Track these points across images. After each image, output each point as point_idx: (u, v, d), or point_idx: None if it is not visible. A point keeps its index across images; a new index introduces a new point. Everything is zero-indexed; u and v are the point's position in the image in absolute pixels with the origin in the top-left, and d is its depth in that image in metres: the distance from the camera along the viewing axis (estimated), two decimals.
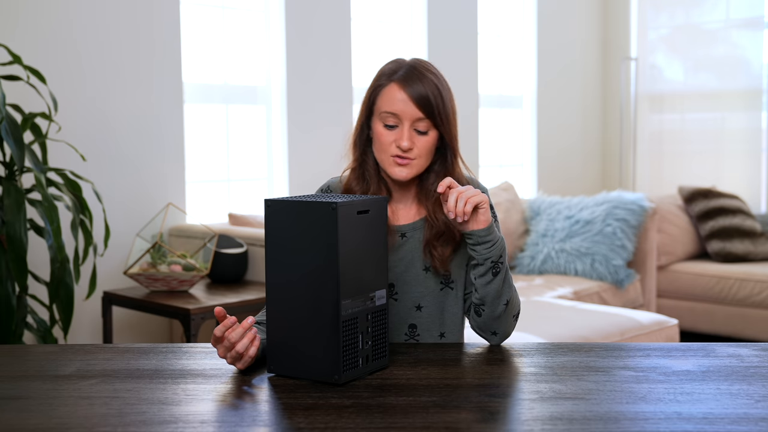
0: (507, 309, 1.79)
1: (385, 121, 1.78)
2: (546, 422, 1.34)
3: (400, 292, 1.84)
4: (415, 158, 1.78)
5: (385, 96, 1.78)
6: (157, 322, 3.91)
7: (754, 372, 1.59)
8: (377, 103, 1.80)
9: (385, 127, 1.78)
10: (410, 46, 5.12)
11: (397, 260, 1.83)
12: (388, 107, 1.77)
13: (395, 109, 1.76)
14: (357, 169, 1.88)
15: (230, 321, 1.58)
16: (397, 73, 1.79)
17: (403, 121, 1.77)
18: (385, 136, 1.78)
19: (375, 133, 1.81)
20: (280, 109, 4.44)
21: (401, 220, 1.87)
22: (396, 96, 1.76)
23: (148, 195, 3.89)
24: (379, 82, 1.81)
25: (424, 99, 1.76)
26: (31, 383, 1.56)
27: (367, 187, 1.86)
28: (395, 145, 1.77)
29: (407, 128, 1.76)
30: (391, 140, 1.78)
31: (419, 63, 1.80)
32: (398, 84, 1.77)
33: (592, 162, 6.45)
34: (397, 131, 1.77)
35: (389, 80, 1.79)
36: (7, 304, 2.89)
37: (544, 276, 4.84)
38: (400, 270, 1.83)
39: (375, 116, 1.81)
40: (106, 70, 3.75)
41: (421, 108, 1.76)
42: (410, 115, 1.76)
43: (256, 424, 1.37)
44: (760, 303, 4.86)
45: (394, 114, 1.77)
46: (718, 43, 6.07)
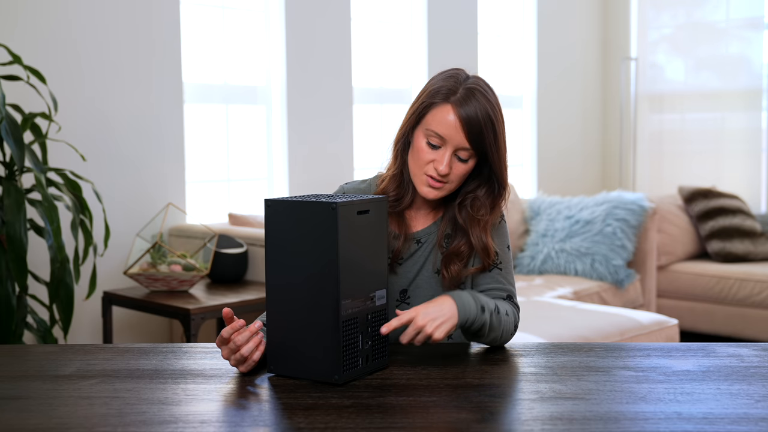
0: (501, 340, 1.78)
1: (430, 139, 1.74)
2: (546, 422, 1.34)
3: (413, 296, 1.83)
4: (448, 183, 1.76)
5: (437, 115, 1.73)
6: (157, 322, 3.91)
7: (754, 372, 1.59)
8: (426, 118, 1.75)
9: (428, 144, 1.74)
10: (410, 46, 5.12)
11: (411, 265, 1.83)
12: (436, 127, 1.72)
13: (443, 132, 1.72)
14: (398, 176, 1.84)
15: (238, 324, 1.58)
16: (454, 94, 1.73)
17: (447, 145, 1.73)
18: (425, 154, 1.74)
19: (415, 146, 1.77)
20: (280, 109, 4.44)
21: (418, 227, 1.86)
22: (447, 119, 1.71)
23: (148, 195, 3.89)
24: (433, 99, 1.74)
25: (475, 129, 1.71)
26: (31, 383, 1.56)
27: (404, 193, 1.83)
28: (433, 167, 1.74)
29: (449, 154, 1.73)
30: (429, 159, 1.74)
31: (477, 86, 1.75)
32: (453, 107, 1.71)
33: (592, 162, 6.45)
34: (438, 153, 1.73)
35: (445, 100, 1.73)
36: (7, 304, 2.89)
37: (544, 276, 4.84)
38: (413, 275, 1.83)
39: (420, 128, 1.76)
40: (106, 70, 3.75)
41: (469, 138, 1.71)
42: (456, 143, 1.72)
43: (256, 424, 1.37)
44: (760, 303, 4.86)
45: (440, 136, 1.72)
46: (718, 43, 6.07)
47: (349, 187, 1.90)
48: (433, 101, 1.74)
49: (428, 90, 1.77)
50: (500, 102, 1.80)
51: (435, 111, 1.73)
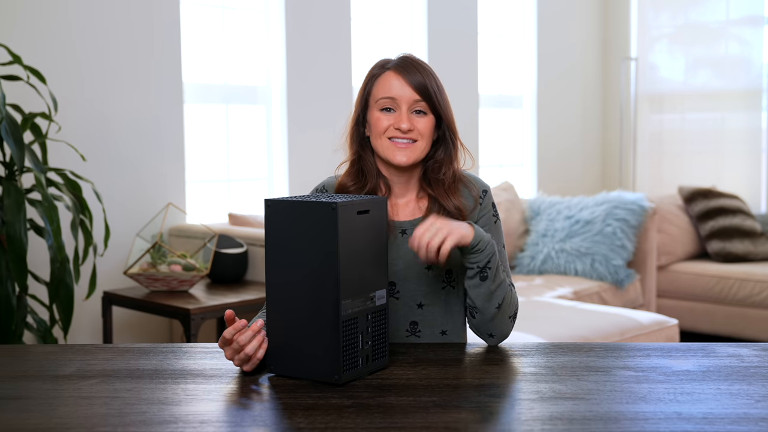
0: (500, 311, 1.77)
1: (382, 106, 1.81)
2: (546, 422, 1.34)
3: (402, 290, 1.83)
4: (415, 140, 1.80)
5: (381, 83, 1.82)
6: (157, 322, 3.91)
7: (754, 372, 1.59)
8: (373, 92, 1.84)
9: (383, 111, 1.81)
10: (410, 46, 5.12)
11: (398, 258, 1.83)
12: (385, 93, 1.81)
13: (393, 93, 1.80)
14: (354, 164, 1.88)
15: (240, 324, 1.58)
16: (390, 63, 1.84)
17: (400, 105, 1.80)
18: (382, 121, 1.81)
19: (372, 121, 1.83)
20: (280, 109, 4.44)
21: (401, 216, 1.86)
22: (392, 81, 1.81)
23: (148, 195, 3.89)
24: (373, 73, 1.86)
25: (420, 82, 1.80)
26: (31, 383, 1.56)
27: (364, 183, 1.85)
28: (393, 128, 1.80)
29: (405, 111, 1.80)
30: (388, 124, 1.80)
31: (410, 55, 1.86)
32: (394, 71, 1.82)
33: (592, 162, 6.45)
34: (395, 115, 1.81)
35: (383, 69, 1.84)
36: (7, 304, 2.89)
37: (544, 276, 4.84)
38: (400, 267, 1.83)
39: (371, 106, 1.84)
40: (106, 70, 3.75)
41: (418, 91, 1.80)
42: (408, 98, 1.80)
43: (256, 424, 1.37)
44: (760, 303, 4.86)
45: (391, 98, 1.81)
46: (718, 43, 6.08)
47: (329, 181, 1.93)
48: (373, 74, 1.85)
49: (366, 77, 1.88)
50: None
51: (379, 82, 1.83)
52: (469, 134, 5.31)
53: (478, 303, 1.76)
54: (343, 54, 4.66)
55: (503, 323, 1.79)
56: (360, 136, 1.88)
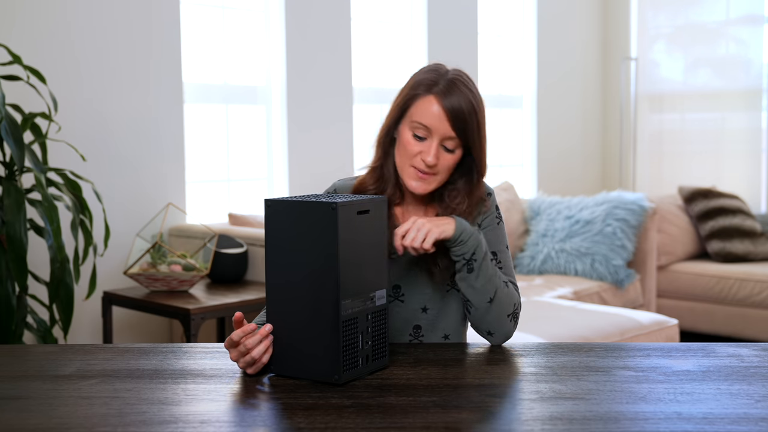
0: (493, 307, 1.76)
1: (415, 131, 1.74)
2: (546, 422, 1.34)
3: (407, 294, 1.83)
4: (436, 174, 1.76)
5: (421, 106, 1.74)
6: (157, 322, 3.91)
7: (754, 372, 1.59)
8: (410, 111, 1.76)
9: (414, 137, 1.75)
10: (410, 46, 5.12)
11: (405, 261, 1.83)
12: (421, 118, 1.73)
13: (428, 123, 1.73)
14: (377, 169, 1.85)
15: (249, 327, 1.58)
16: (436, 85, 1.74)
17: (433, 136, 1.73)
18: (411, 146, 1.75)
19: (401, 139, 1.77)
20: (280, 109, 4.44)
21: None
22: (432, 109, 1.73)
23: (148, 195, 3.89)
24: (416, 90, 1.76)
25: (460, 118, 1.72)
26: (31, 383, 1.56)
27: (383, 188, 1.83)
28: (420, 158, 1.74)
29: (436, 144, 1.74)
30: (416, 151, 1.75)
31: (459, 78, 1.76)
32: (436, 98, 1.73)
33: (592, 162, 6.45)
34: (425, 144, 1.74)
35: (428, 92, 1.74)
36: (7, 304, 2.89)
37: (544, 276, 4.84)
38: (406, 271, 1.83)
39: (405, 122, 1.77)
40: (106, 70, 3.75)
41: (455, 127, 1.73)
42: (442, 132, 1.73)
43: (256, 424, 1.37)
44: (760, 303, 4.86)
45: (426, 127, 1.73)
46: (718, 42, 6.08)
47: (341, 183, 1.91)
48: (416, 93, 1.76)
49: (410, 83, 1.79)
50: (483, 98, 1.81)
51: (419, 103, 1.75)
52: None
53: (469, 296, 1.76)
54: (343, 54, 4.66)
55: (501, 321, 1.78)
56: (387, 143, 1.83)
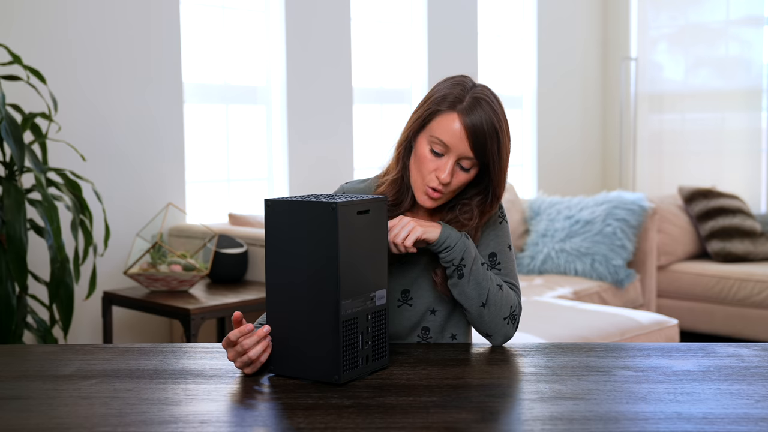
0: (487, 310, 1.75)
1: (433, 146, 1.72)
2: (546, 422, 1.34)
3: (415, 297, 1.83)
4: (446, 192, 1.75)
5: (442, 122, 1.70)
6: (157, 322, 3.91)
7: (754, 372, 1.59)
8: (431, 125, 1.73)
9: (431, 152, 1.73)
10: (410, 46, 5.12)
11: (413, 265, 1.83)
12: (440, 135, 1.70)
13: (447, 140, 1.70)
14: (398, 181, 1.82)
15: (247, 328, 1.58)
16: (461, 102, 1.70)
17: (450, 154, 1.71)
18: (428, 161, 1.72)
19: (418, 152, 1.75)
20: (280, 109, 4.44)
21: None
22: (453, 127, 1.69)
23: (148, 195, 3.89)
24: (439, 106, 1.72)
25: (480, 139, 1.69)
26: (31, 383, 1.56)
27: (402, 199, 1.82)
28: (434, 175, 1.72)
29: (452, 162, 1.71)
30: (432, 168, 1.72)
31: (484, 96, 1.73)
32: (459, 116, 1.69)
33: (592, 162, 6.45)
34: (441, 161, 1.72)
35: (450, 108, 1.70)
36: (7, 304, 2.89)
37: (544, 276, 4.84)
38: (415, 275, 1.83)
39: (423, 134, 1.74)
40: (106, 70, 3.75)
41: (474, 148, 1.70)
42: (460, 152, 1.70)
43: (256, 424, 1.37)
44: (760, 303, 4.86)
45: (444, 144, 1.70)
46: (718, 42, 6.08)
47: (349, 186, 1.90)
48: (439, 108, 1.72)
49: (434, 96, 1.75)
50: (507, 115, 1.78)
51: (440, 118, 1.71)
52: None
53: (462, 301, 1.76)
54: (343, 54, 4.66)
55: (497, 324, 1.77)
56: (406, 151, 1.80)
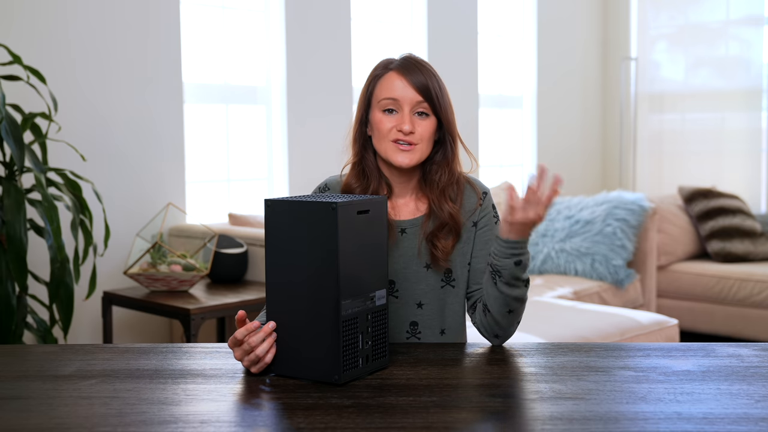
0: (510, 317, 1.78)
1: (385, 107, 1.81)
2: (546, 422, 1.34)
3: (401, 290, 1.84)
4: (417, 143, 1.80)
5: (384, 84, 1.82)
6: (157, 322, 3.91)
7: (754, 372, 1.59)
8: (375, 93, 1.84)
9: (385, 112, 1.81)
10: (410, 46, 5.12)
11: (398, 256, 1.84)
12: (387, 93, 1.81)
13: (395, 95, 1.80)
14: (357, 165, 1.88)
15: (253, 325, 1.58)
16: (393, 63, 1.84)
17: (402, 107, 1.80)
18: (384, 122, 1.81)
19: (374, 122, 1.83)
20: (280, 109, 4.44)
21: (401, 215, 1.87)
22: (395, 82, 1.81)
23: (148, 195, 3.89)
24: (375, 73, 1.85)
25: (423, 84, 1.80)
26: (31, 383, 1.56)
27: (368, 184, 1.86)
28: (396, 130, 1.79)
29: (407, 113, 1.80)
30: (391, 126, 1.80)
31: (413, 55, 1.86)
32: (396, 71, 1.82)
33: (592, 162, 6.45)
34: (398, 116, 1.81)
35: (386, 70, 1.84)
36: (7, 304, 2.89)
37: (544, 276, 4.84)
38: (399, 266, 1.84)
39: (373, 107, 1.84)
40: (106, 70, 3.75)
41: (421, 92, 1.80)
42: (410, 100, 1.80)
43: (256, 424, 1.37)
44: (760, 303, 4.86)
45: (393, 99, 1.80)
46: (718, 42, 6.08)
47: (331, 179, 1.94)
48: (376, 75, 1.85)
49: (369, 77, 1.88)
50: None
51: (381, 82, 1.83)
52: (469, 134, 5.31)
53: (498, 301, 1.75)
54: (343, 54, 4.66)
55: (510, 329, 1.80)
56: (363, 137, 1.88)
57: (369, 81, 1.86)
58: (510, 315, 1.77)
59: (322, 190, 1.91)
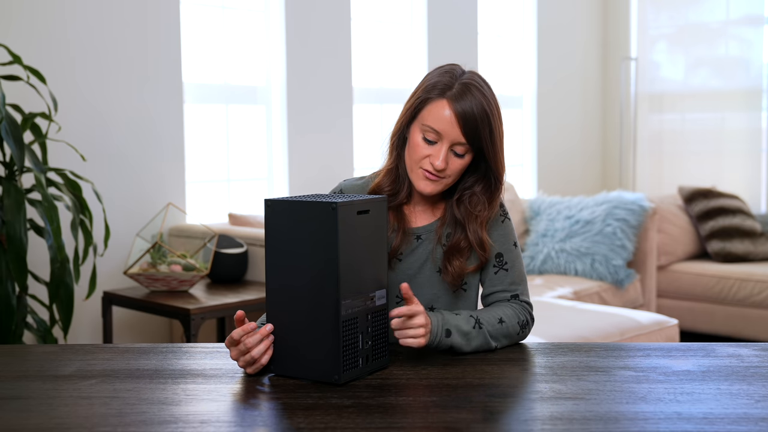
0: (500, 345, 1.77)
1: (426, 134, 1.74)
2: (546, 422, 1.34)
3: (414, 293, 1.83)
4: (445, 177, 1.76)
5: (432, 110, 1.73)
6: (157, 322, 3.91)
7: (754, 372, 1.59)
8: (422, 114, 1.75)
9: (424, 140, 1.75)
10: (410, 46, 5.12)
11: (412, 262, 1.83)
12: (432, 123, 1.73)
13: (439, 128, 1.72)
14: (393, 170, 1.84)
15: (250, 326, 1.58)
16: (450, 90, 1.73)
17: (443, 141, 1.73)
18: (421, 149, 1.75)
19: (411, 141, 1.77)
20: (280, 109, 4.44)
21: (418, 222, 1.85)
22: (443, 114, 1.72)
23: (148, 195, 3.89)
24: (429, 94, 1.75)
25: (471, 124, 1.71)
26: (31, 383, 1.56)
27: (399, 189, 1.83)
28: (429, 162, 1.74)
29: (445, 149, 1.73)
30: (425, 155, 1.74)
31: (473, 82, 1.75)
32: (449, 102, 1.72)
33: (592, 162, 6.45)
34: (435, 148, 1.74)
35: (440, 96, 1.73)
36: (7, 304, 2.89)
37: (544, 276, 4.84)
38: (413, 272, 1.83)
39: (416, 123, 1.77)
40: (106, 70, 3.75)
41: (465, 133, 1.72)
42: (452, 138, 1.72)
43: (256, 424, 1.37)
44: (760, 303, 4.86)
45: (436, 131, 1.73)
46: (718, 42, 6.08)
47: (347, 184, 1.91)
48: (429, 96, 1.74)
49: (424, 85, 1.77)
50: (498, 99, 1.81)
51: (431, 106, 1.74)
52: None
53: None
54: (343, 54, 4.66)
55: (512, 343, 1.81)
56: (400, 143, 1.83)
57: (420, 97, 1.76)
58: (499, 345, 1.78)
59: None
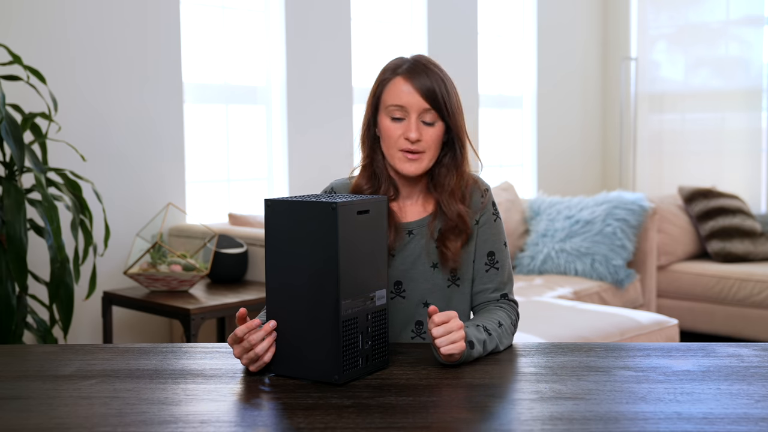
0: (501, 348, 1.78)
1: (392, 114, 1.80)
2: (546, 422, 1.34)
3: (408, 289, 1.84)
4: (424, 151, 1.80)
5: (391, 89, 1.80)
6: (157, 322, 3.91)
7: (754, 372, 1.59)
8: (383, 98, 1.82)
9: (393, 120, 1.80)
10: (410, 46, 5.12)
11: (405, 257, 1.84)
12: (394, 100, 1.79)
13: (402, 101, 1.78)
14: (367, 167, 1.88)
15: (253, 323, 1.58)
16: (401, 67, 1.81)
17: (410, 113, 1.79)
18: (392, 130, 1.80)
19: (382, 129, 1.82)
20: (280, 109, 4.44)
21: (409, 217, 1.87)
22: (402, 88, 1.79)
23: (148, 195, 3.89)
24: (383, 77, 1.83)
25: (430, 90, 1.78)
26: (31, 383, 1.56)
27: (378, 186, 1.87)
28: (403, 138, 1.79)
29: (414, 120, 1.79)
30: (399, 134, 1.79)
31: (422, 57, 1.83)
32: (403, 77, 1.79)
33: (592, 162, 6.45)
34: (405, 124, 1.79)
35: (394, 74, 1.81)
36: (7, 304, 2.89)
37: (544, 276, 4.84)
38: (406, 267, 1.84)
39: (381, 111, 1.82)
40: (106, 70, 3.75)
41: (427, 99, 1.78)
42: (417, 107, 1.78)
43: (256, 424, 1.37)
44: (760, 303, 4.86)
45: (400, 106, 1.79)
46: (718, 42, 6.08)
47: (337, 183, 1.93)
48: (384, 78, 1.83)
49: (377, 78, 1.85)
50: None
51: (389, 87, 1.81)
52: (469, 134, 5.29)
53: None
54: (343, 54, 4.66)
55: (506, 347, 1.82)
56: (371, 139, 1.87)
57: (377, 84, 1.84)
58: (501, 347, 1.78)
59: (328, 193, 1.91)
